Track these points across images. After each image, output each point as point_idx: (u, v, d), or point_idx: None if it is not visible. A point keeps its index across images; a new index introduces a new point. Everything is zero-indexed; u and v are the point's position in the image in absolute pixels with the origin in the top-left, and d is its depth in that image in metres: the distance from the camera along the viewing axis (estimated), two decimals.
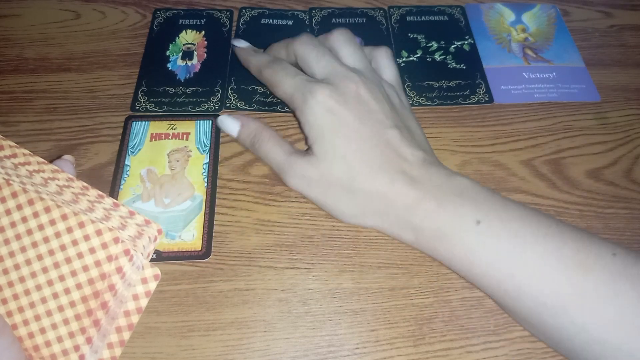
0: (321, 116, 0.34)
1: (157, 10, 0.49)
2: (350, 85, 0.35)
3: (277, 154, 0.36)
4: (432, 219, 0.32)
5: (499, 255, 0.31)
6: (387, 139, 0.34)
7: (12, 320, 0.24)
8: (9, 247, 0.24)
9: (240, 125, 0.38)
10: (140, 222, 0.26)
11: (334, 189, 0.34)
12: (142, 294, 0.25)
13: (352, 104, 0.34)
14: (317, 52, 0.37)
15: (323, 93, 0.34)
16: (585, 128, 0.43)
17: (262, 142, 0.37)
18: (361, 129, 0.34)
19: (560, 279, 0.29)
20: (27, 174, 0.26)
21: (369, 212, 0.34)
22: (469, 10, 0.51)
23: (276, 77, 0.37)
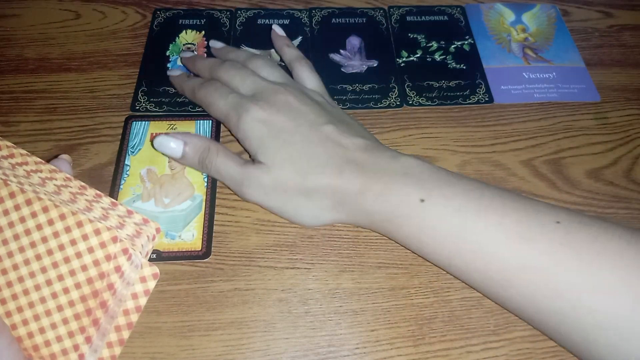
0: (257, 128, 0.35)
1: (157, 10, 0.49)
2: (278, 96, 0.36)
3: (230, 167, 0.35)
4: (380, 202, 0.32)
5: (445, 232, 0.31)
6: (325, 135, 0.35)
7: (12, 320, 0.24)
8: (7, 248, 0.24)
9: (183, 143, 0.36)
10: (138, 221, 0.26)
11: (290, 194, 0.34)
12: (141, 292, 0.25)
13: (283, 111, 0.36)
14: (241, 74, 0.38)
15: (254, 108, 0.36)
16: (585, 128, 0.43)
17: (212, 158, 0.36)
18: (298, 130, 0.35)
19: (504, 252, 0.30)
20: (24, 174, 0.26)
21: (326, 207, 0.34)
22: (469, 10, 0.51)
23: (209, 99, 0.38)
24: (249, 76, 0.38)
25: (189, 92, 0.41)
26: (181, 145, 0.36)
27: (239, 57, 0.41)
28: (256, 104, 0.36)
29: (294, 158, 0.34)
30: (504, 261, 0.30)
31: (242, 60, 0.40)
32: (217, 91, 0.38)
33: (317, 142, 0.35)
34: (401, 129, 0.42)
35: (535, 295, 0.29)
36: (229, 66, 0.39)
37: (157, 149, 0.36)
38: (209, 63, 0.41)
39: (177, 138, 0.36)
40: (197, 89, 0.39)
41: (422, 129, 0.42)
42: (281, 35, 0.44)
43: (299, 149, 0.34)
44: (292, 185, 0.34)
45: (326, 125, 0.35)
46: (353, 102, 0.43)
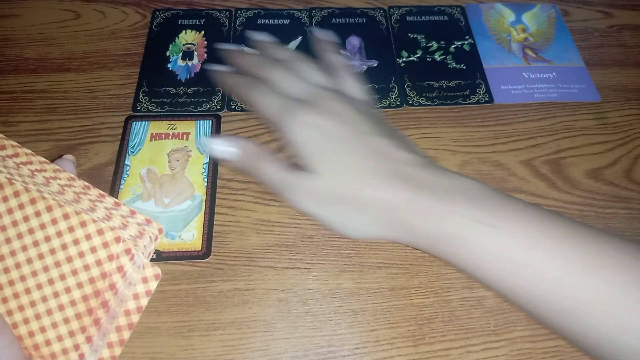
0: (307, 133, 0.34)
1: (156, 11, 0.49)
2: (329, 102, 0.35)
3: (277, 174, 0.35)
4: (440, 223, 0.31)
5: (506, 259, 0.30)
6: (378, 146, 0.33)
7: (13, 319, 0.24)
8: (10, 246, 0.24)
9: (235, 147, 0.36)
10: (141, 222, 0.26)
11: (338, 203, 0.33)
12: (142, 293, 0.25)
13: (334, 118, 0.34)
14: (287, 75, 0.37)
15: (304, 112, 0.34)
16: (585, 128, 0.43)
17: (261, 163, 0.35)
18: (350, 139, 0.34)
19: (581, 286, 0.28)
20: (29, 173, 0.26)
21: (376, 222, 0.33)
22: (469, 10, 0.51)
23: (257, 98, 0.37)
24: (295, 78, 0.37)
25: (232, 88, 0.40)
26: (233, 149, 0.36)
27: (285, 57, 0.39)
28: (306, 109, 0.34)
29: (345, 167, 0.33)
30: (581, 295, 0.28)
31: (289, 60, 0.39)
32: (265, 91, 0.37)
33: (370, 153, 0.33)
34: (401, 128, 0.42)
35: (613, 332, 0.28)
36: (277, 66, 0.38)
37: (210, 152, 0.37)
38: (253, 60, 0.40)
39: (231, 142, 0.36)
40: (243, 87, 0.38)
41: (422, 128, 0.42)
42: (323, 39, 0.41)
43: (350, 158, 0.33)
44: (339, 195, 0.33)
45: (378, 137, 0.34)
46: None
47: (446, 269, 0.35)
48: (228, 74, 0.40)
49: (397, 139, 0.35)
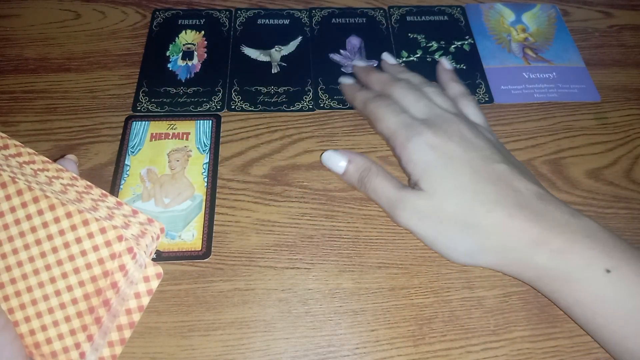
0: (426, 153, 0.34)
1: (156, 11, 0.49)
2: (452, 125, 0.35)
3: (387, 188, 0.35)
4: (558, 259, 0.30)
5: (628, 310, 0.29)
6: (498, 173, 0.33)
7: (14, 317, 0.24)
8: (12, 245, 0.24)
9: (347, 161, 0.37)
10: (143, 221, 0.26)
11: (446, 224, 0.33)
12: (144, 292, 0.25)
13: (456, 141, 0.34)
14: (416, 95, 0.38)
15: (427, 132, 0.35)
16: (585, 128, 0.43)
17: (371, 177, 0.36)
18: (470, 163, 0.33)
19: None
20: (32, 172, 0.26)
21: (485, 249, 0.32)
22: (468, 10, 0.51)
23: (380, 114, 0.38)
24: (422, 99, 0.37)
25: (359, 103, 0.40)
26: (345, 162, 0.37)
27: (412, 79, 0.40)
28: (429, 129, 0.35)
29: (460, 189, 0.33)
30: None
31: (416, 83, 0.40)
32: (388, 107, 0.37)
33: (489, 178, 0.33)
34: None
35: None
36: (403, 85, 0.39)
37: (324, 162, 0.38)
38: (383, 78, 0.41)
39: (343, 155, 0.37)
40: (369, 102, 0.39)
41: None
42: (448, 69, 0.42)
43: (467, 181, 0.33)
44: (451, 217, 0.33)
45: (500, 164, 0.34)
46: None
47: (446, 268, 0.35)
48: (357, 88, 0.42)
49: (519, 167, 0.35)
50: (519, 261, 0.32)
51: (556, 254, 0.30)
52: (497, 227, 0.32)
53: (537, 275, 0.32)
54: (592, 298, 0.30)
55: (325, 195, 0.38)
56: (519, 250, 0.31)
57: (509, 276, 0.34)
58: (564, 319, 0.34)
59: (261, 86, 0.44)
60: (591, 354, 0.33)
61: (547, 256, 0.31)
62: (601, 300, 0.30)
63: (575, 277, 0.30)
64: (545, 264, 0.31)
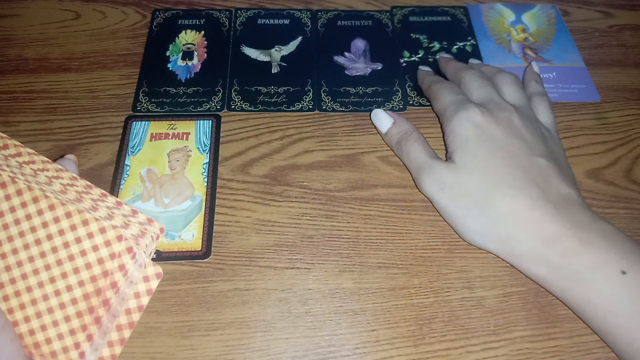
0: (467, 128, 0.35)
1: (156, 11, 0.49)
2: (504, 113, 0.36)
3: (420, 155, 0.36)
4: (571, 258, 0.30)
5: (634, 308, 0.29)
6: (536, 165, 0.33)
7: (13, 317, 0.24)
8: (12, 244, 0.24)
9: (392, 122, 0.39)
10: (142, 221, 0.26)
11: (466, 200, 0.33)
12: (143, 292, 0.25)
13: (502, 126, 0.35)
14: (481, 81, 0.38)
15: (475, 110, 0.35)
16: (585, 128, 0.43)
17: (410, 141, 0.37)
18: (508, 147, 0.34)
19: None
20: (31, 172, 0.26)
21: (498, 235, 0.32)
22: (469, 10, 0.51)
23: (439, 92, 0.39)
24: (486, 87, 0.38)
25: (426, 84, 0.42)
26: (390, 122, 0.39)
27: (488, 70, 0.41)
28: (478, 108, 0.35)
29: (489, 169, 0.33)
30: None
31: (491, 72, 0.40)
32: (448, 89, 0.38)
33: (523, 167, 0.33)
34: None
35: None
36: (474, 72, 0.39)
37: (372, 119, 0.40)
38: (458, 65, 0.42)
39: (390, 116, 0.39)
40: (434, 83, 0.40)
41: (423, 128, 0.42)
42: (536, 71, 0.42)
43: (499, 163, 0.33)
44: (472, 194, 0.33)
45: (541, 158, 0.34)
46: (355, 105, 0.43)
47: (446, 269, 0.35)
48: (429, 73, 0.43)
49: (562, 169, 0.34)
50: (530, 254, 0.32)
51: (569, 253, 0.30)
52: (515, 215, 0.32)
53: (546, 272, 0.31)
54: (604, 299, 0.30)
55: (325, 195, 0.38)
56: (532, 244, 0.31)
57: (516, 270, 0.34)
58: (564, 319, 0.34)
59: (261, 86, 0.44)
60: (591, 354, 0.33)
61: (560, 254, 0.30)
62: (615, 301, 0.29)
63: (587, 277, 0.30)
64: (557, 262, 0.31)
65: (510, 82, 0.39)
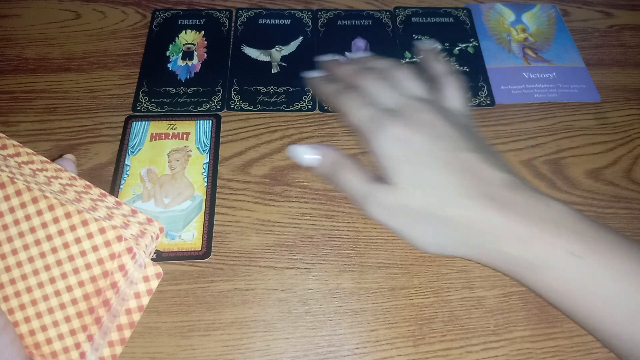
0: (393, 146, 0.33)
1: (156, 11, 0.49)
2: (419, 114, 0.34)
3: (358, 183, 0.35)
4: (524, 249, 0.30)
5: (600, 293, 0.29)
6: (467, 163, 0.32)
7: (14, 317, 0.24)
8: (11, 245, 0.24)
9: (319, 154, 0.37)
10: (142, 221, 0.26)
11: (414, 218, 0.33)
12: (144, 292, 0.25)
13: (423, 131, 0.33)
14: (382, 84, 0.37)
15: (392, 124, 0.34)
16: (585, 128, 0.43)
17: (343, 171, 0.35)
18: (437, 154, 0.33)
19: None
20: (30, 172, 0.26)
21: (455, 241, 0.32)
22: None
23: (346, 107, 0.37)
24: (388, 88, 0.36)
25: (325, 97, 0.40)
26: (317, 155, 0.36)
27: (381, 65, 0.39)
28: (394, 121, 0.34)
29: (428, 183, 0.32)
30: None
31: (384, 68, 0.39)
32: (354, 101, 0.36)
33: (457, 170, 0.32)
34: None
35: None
36: (369, 75, 0.38)
37: (292, 156, 0.37)
38: (349, 69, 0.40)
39: (315, 149, 0.36)
40: (335, 96, 0.38)
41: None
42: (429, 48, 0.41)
43: (435, 174, 0.32)
44: (420, 211, 0.32)
45: (470, 153, 0.33)
46: None
47: (446, 268, 0.35)
48: (323, 81, 0.40)
49: (490, 155, 0.34)
50: (488, 252, 0.31)
51: (522, 244, 0.30)
52: (464, 220, 0.31)
53: (507, 265, 0.31)
54: (562, 283, 0.30)
55: (325, 195, 0.38)
56: (486, 242, 0.31)
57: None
58: (564, 319, 0.34)
59: (261, 86, 0.44)
60: (591, 354, 0.33)
61: (513, 245, 0.30)
62: (573, 285, 0.29)
63: (542, 264, 0.30)
64: (512, 254, 0.30)
65: (410, 77, 0.37)
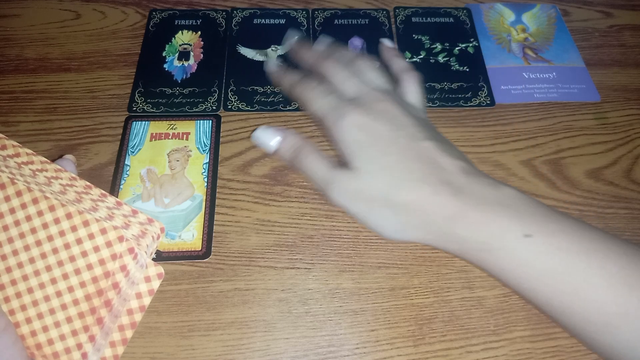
0: (355, 134, 0.34)
1: (152, 11, 0.49)
2: (380, 104, 0.35)
3: (320, 169, 0.35)
4: (477, 230, 0.31)
5: (546, 271, 0.30)
6: (424, 150, 0.33)
7: (15, 318, 0.24)
8: (12, 246, 0.24)
9: (280, 138, 0.37)
10: (143, 221, 0.26)
11: (375, 203, 0.33)
12: (145, 292, 0.25)
13: (383, 120, 0.34)
14: (345, 73, 0.37)
15: (354, 112, 0.34)
16: (585, 128, 0.43)
17: (304, 156, 0.36)
18: (397, 141, 0.34)
19: (604, 297, 0.28)
20: (30, 173, 0.26)
21: (412, 225, 0.33)
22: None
23: (307, 97, 0.37)
24: (350, 78, 0.37)
25: (286, 86, 0.40)
26: (277, 139, 0.37)
27: (344, 56, 0.40)
28: (355, 109, 0.35)
29: (387, 169, 0.33)
30: (605, 306, 0.29)
31: (347, 59, 0.39)
32: (315, 90, 0.37)
33: (415, 156, 0.33)
34: None
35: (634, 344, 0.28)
36: (332, 63, 0.38)
37: (254, 141, 0.37)
38: (313, 55, 0.40)
39: (276, 131, 0.37)
40: (296, 85, 0.39)
41: None
42: (390, 46, 0.42)
43: (394, 160, 0.33)
44: (379, 196, 0.33)
45: (426, 141, 0.34)
46: None
47: (446, 268, 0.35)
48: (283, 71, 0.41)
49: (446, 144, 0.35)
50: (442, 235, 0.32)
51: (474, 226, 0.31)
52: (420, 204, 0.32)
53: (460, 248, 0.32)
54: (513, 264, 0.30)
55: None
56: (440, 225, 0.32)
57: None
58: None
59: (257, 86, 0.44)
60: (591, 354, 0.33)
61: (466, 228, 0.31)
62: (522, 265, 0.30)
63: (494, 246, 0.31)
64: (465, 236, 0.31)
65: (372, 68, 0.38)
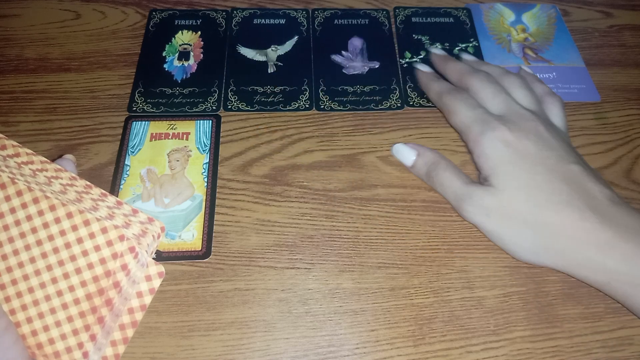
0: (500, 149, 0.34)
1: (152, 11, 0.49)
2: (529, 123, 0.35)
3: (455, 183, 0.35)
4: (631, 264, 0.30)
5: None
6: (572, 174, 0.33)
7: (15, 318, 0.24)
8: (13, 246, 0.24)
9: (416, 154, 0.38)
10: (143, 220, 0.26)
11: (514, 221, 0.33)
12: (146, 291, 0.25)
13: (531, 139, 0.34)
14: (493, 89, 0.37)
15: (501, 128, 0.34)
16: (585, 128, 0.43)
17: (439, 171, 0.36)
18: (544, 162, 0.33)
19: None
20: (30, 173, 0.26)
21: (552, 249, 0.32)
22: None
23: (455, 106, 0.37)
24: (500, 94, 0.37)
25: (434, 94, 0.40)
26: (414, 155, 0.38)
27: (493, 71, 0.40)
28: (503, 125, 0.34)
29: (531, 187, 0.33)
30: None
31: (496, 74, 0.39)
32: (465, 101, 0.37)
33: (562, 179, 0.33)
34: (401, 129, 0.42)
35: None
36: (482, 77, 0.38)
37: (394, 154, 0.39)
38: (461, 68, 0.40)
39: (413, 148, 0.38)
40: (445, 94, 0.39)
41: (423, 129, 0.42)
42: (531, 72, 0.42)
43: (540, 180, 0.33)
44: (520, 214, 0.32)
45: (575, 165, 0.33)
46: (354, 104, 0.43)
47: (446, 268, 0.35)
48: (434, 77, 0.41)
49: (593, 171, 0.34)
50: (589, 264, 0.31)
51: (628, 259, 0.30)
52: (567, 228, 0.31)
53: (607, 279, 0.31)
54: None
55: (325, 195, 0.38)
56: (589, 253, 0.31)
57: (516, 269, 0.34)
58: (564, 319, 0.34)
59: (257, 86, 0.44)
60: (591, 354, 0.33)
61: (618, 260, 0.30)
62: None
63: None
64: (617, 269, 0.30)
65: (521, 86, 0.38)
